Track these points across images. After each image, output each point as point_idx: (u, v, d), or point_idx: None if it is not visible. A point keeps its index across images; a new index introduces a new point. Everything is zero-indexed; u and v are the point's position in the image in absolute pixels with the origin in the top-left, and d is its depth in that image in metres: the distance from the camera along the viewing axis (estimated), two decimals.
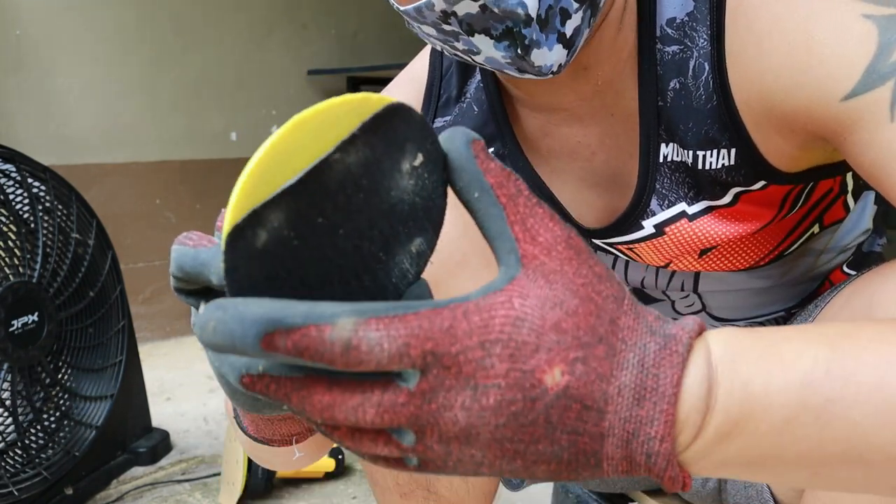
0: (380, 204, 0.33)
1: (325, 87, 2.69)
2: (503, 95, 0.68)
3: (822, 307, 0.65)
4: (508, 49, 0.52)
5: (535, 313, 0.31)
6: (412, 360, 0.29)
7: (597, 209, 0.68)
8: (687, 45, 0.59)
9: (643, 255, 0.70)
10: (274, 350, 0.28)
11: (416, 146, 0.33)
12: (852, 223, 0.72)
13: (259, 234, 0.30)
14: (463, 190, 0.33)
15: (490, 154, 0.34)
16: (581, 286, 0.32)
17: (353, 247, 0.32)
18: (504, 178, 0.33)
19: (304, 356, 0.28)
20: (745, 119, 0.58)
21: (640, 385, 0.31)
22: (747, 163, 0.59)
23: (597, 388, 0.31)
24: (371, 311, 0.29)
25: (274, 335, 0.27)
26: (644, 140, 0.62)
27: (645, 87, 0.61)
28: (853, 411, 0.32)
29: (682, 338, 0.33)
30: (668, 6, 0.59)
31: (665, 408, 0.31)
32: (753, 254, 0.68)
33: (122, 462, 1.43)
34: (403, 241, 0.34)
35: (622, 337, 0.32)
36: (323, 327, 0.28)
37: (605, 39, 0.59)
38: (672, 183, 0.63)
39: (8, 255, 1.17)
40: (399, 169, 0.33)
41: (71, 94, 2.12)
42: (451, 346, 0.29)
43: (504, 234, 0.32)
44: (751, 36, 0.55)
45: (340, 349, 0.28)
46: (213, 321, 0.28)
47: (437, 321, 0.29)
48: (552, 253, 0.33)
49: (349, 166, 0.31)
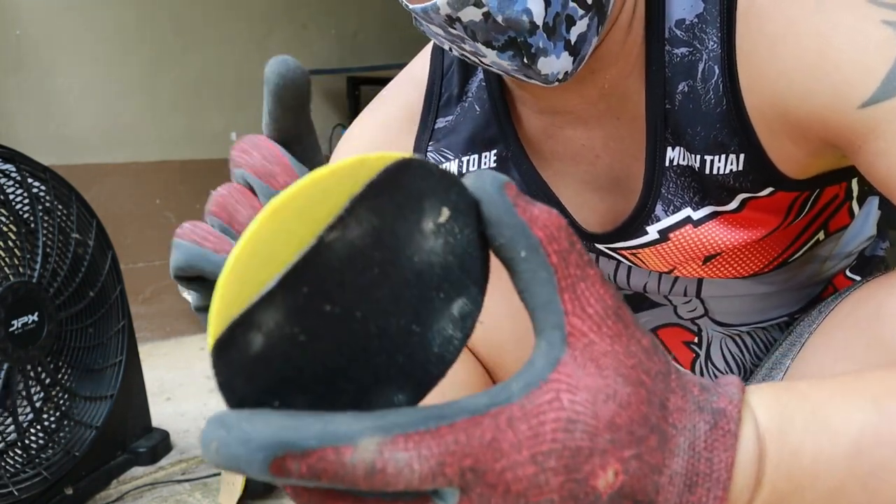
0: (402, 274, 0.28)
1: (325, 87, 2.69)
2: (506, 95, 0.67)
3: (826, 314, 0.64)
4: (514, 59, 0.51)
5: (588, 411, 0.27)
6: (448, 479, 0.25)
7: (600, 213, 0.67)
8: (696, 48, 0.57)
9: (647, 261, 0.69)
10: (286, 475, 0.24)
11: (437, 200, 0.28)
12: (857, 229, 0.71)
13: (252, 339, 0.25)
14: (505, 247, 0.28)
15: (528, 198, 0.29)
16: (631, 369, 0.29)
17: (378, 328, 0.28)
18: (555, 229, 0.28)
19: (323, 480, 0.24)
20: (755, 124, 0.56)
21: (692, 471, 0.29)
22: (756, 169, 0.58)
23: (649, 482, 0.29)
24: (397, 427, 0.25)
25: (285, 459, 0.24)
26: (650, 144, 0.61)
27: (652, 90, 0.59)
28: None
29: (732, 414, 0.30)
30: (677, 7, 0.58)
31: (719, 494, 0.29)
32: (758, 261, 0.67)
33: (122, 462, 1.43)
34: (441, 307, 0.29)
35: (672, 421, 0.29)
36: (343, 450, 0.24)
37: (613, 43, 0.58)
38: (678, 187, 0.62)
39: (8, 255, 1.17)
40: (420, 230, 0.28)
41: (71, 94, 2.12)
42: (496, 463, 0.26)
43: (552, 303, 0.28)
44: (763, 38, 0.54)
45: (364, 473, 0.24)
46: (216, 441, 0.25)
47: (477, 434, 0.26)
48: (602, 329, 0.29)
49: (352, 242, 0.27)
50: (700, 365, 0.79)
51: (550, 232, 0.28)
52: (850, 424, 0.32)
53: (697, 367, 0.79)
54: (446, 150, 0.70)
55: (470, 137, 0.69)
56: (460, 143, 0.70)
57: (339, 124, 2.69)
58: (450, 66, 0.70)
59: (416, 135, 0.72)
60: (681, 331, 0.78)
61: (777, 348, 0.71)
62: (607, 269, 0.75)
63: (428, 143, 0.71)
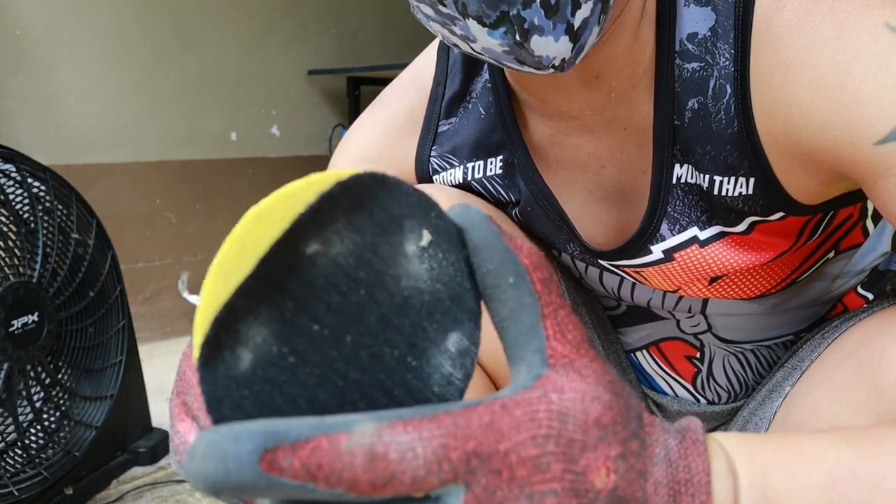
0: (389, 298, 0.27)
1: (325, 86, 2.69)
2: (512, 100, 0.65)
3: (829, 342, 0.61)
4: (505, 36, 0.47)
5: (577, 407, 0.27)
6: (454, 465, 0.24)
7: (606, 225, 0.66)
8: (708, 63, 0.55)
9: (651, 280, 0.67)
10: (278, 472, 0.22)
11: (417, 223, 0.27)
12: (870, 246, 0.69)
13: (239, 354, 0.25)
14: (493, 273, 0.28)
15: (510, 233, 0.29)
16: (609, 382, 0.29)
17: (371, 355, 0.26)
18: (538, 258, 0.29)
19: (319, 478, 0.22)
20: (767, 149, 0.54)
21: (673, 479, 0.29)
22: (766, 194, 0.56)
23: (637, 487, 0.28)
24: (394, 415, 0.24)
25: (276, 452, 0.22)
26: (657, 158, 0.59)
27: (661, 104, 0.57)
28: None
29: (696, 429, 0.31)
30: (690, 20, 0.55)
31: (704, 499, 0.29)
32: (765, 282, 0.65)
33: (122, 462, 1.43)
34: (435, 340, 0.28)
35: (648, 432, 0.30)
36: (338, 437, 0.23)
37: (619, 47, 0.56)
38: (684, 206, 0.60)
39: (8, 255, 1.17)
40: (403, 253, 0.27)
41: (71, 94, 2.11)
42: (499, 444, 0.25)
43: (535, 329, 0.28)
44: (779, 63, 0.51)
45: (364, 461, 0.23)
46: (202, 445, 0.23)
47: (475, 417, 0.25)
48: (580, 351, 0.29)
49: (335, 258, 0.26)
50: (702, 379, 0.78)
51: (535, 260, 0.28)
52: (826, 457, 0.31)
53: (699, 381, 0.78)
54: (451, 156, 0.69)
55: (475, 143, 0.68)
56: (465, 149, 0.68)
57: (339, 124, 2.69)
58: (453, 66, 0.68)
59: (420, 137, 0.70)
60: (683, 345, 0.77)
61: (779, 369, 0.69)
62: (611, 283, 0.73)
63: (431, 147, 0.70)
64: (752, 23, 0.52)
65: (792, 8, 0.51)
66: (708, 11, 0.55)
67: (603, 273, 0.72)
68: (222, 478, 0.22)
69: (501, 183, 0.68)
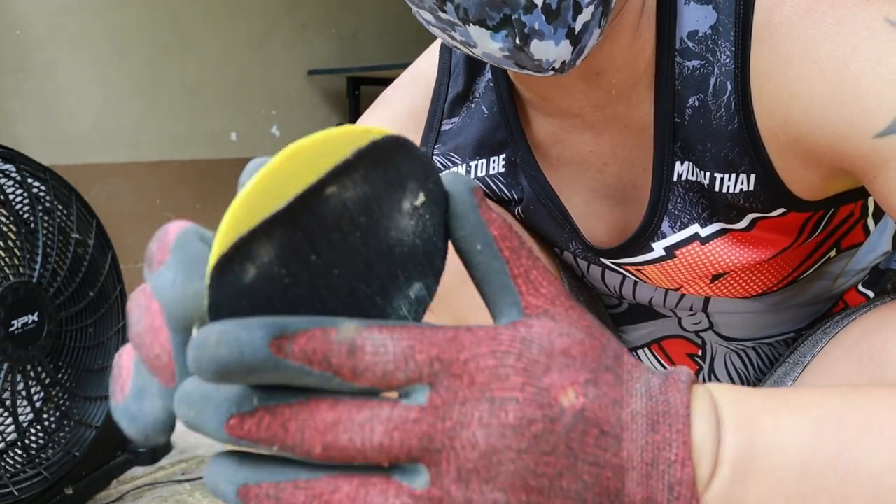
0: (378, 244, 0.31)
1: (325, 87, 2.69)
2: (515, 98, 0.65)
3: (831, 336, 0.62)
4: (506, 39, 0.47)
5: (543, 338, 0.30)
6: (418, 365, 0.27)
7: (608, 224, 0.66)
8: (708, 60, 0.55)
9: (652, 278, 0.68)
10: (284, 356, 0.26)
11: (417, 185, 0.31)
12: (871, 245, 0.69)
13: (247, 268, 0.28)
14: (464, 239, 0.32)
15: (490, 204, 0.32)
16: (586, 326, 0.31)
17: (349, 289, 0.30)
18: (507, 231, 0.32)
19: (313, 362, 0.26)
20: (768, 145, 0.54)
21: (652, 410, 0.30)
22: (767, 190, 0.56)
23: (612, 413, 0.29)
24: (373, 322, 0.28)
25: (282, 339, 0.26)
26: (658, 156, 0.59)
27: (661, 102, 0.57)
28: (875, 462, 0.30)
29: (681, 372, 0.32)
30: (690, 17, 0.56)
31: (681, 428, 0.30)
32: (767, 280, 0.65)
33: (122, 462, 1.43)
34: (402, 286, 0.32)
35: (627, 370, 0.31)
36: (328, 330, 0.27)
37: (619, 45, 0.56)
38: (685, 203, 0.60)
39: (8, 255, 1.17)
40: (399, 208, 0.31)
41: (71, 94, 2.11)
42: (459, 354, 0.28)
43: (507, 287, 0.31)
44: (779, 59, 0.51)
45: (346, 349, 0.27)
46: (215, 334, 0.26)
47: (440, 332, 0.28)
48: (556, 302, 0.31)
49: (346, 202, 0.30)
50: (703, 377, 0.78)
51: (503, 232, 0.31)
52: (812, 404, 0.32)
53: (700, 379, 0.78)
54: (454, 155, 0.69)
55: (478, 141, 0.68)
56: (468, 148, 0.68)
57: (338, 124, 2.69)
58: (456, 65, 0.68)
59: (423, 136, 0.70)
60: (685, 343, 0.77)
61: (781, 365, 0.70)
62: (613, 282, 0.73)
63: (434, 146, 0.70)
64: (752, 20, 0.52)
65: (792, 4, 0.51)
66: (709, 10, 0.55)
67: (605, 272, 0.72)
68: (235, 360, 0.25)
69: (504, 181, 0.69)
